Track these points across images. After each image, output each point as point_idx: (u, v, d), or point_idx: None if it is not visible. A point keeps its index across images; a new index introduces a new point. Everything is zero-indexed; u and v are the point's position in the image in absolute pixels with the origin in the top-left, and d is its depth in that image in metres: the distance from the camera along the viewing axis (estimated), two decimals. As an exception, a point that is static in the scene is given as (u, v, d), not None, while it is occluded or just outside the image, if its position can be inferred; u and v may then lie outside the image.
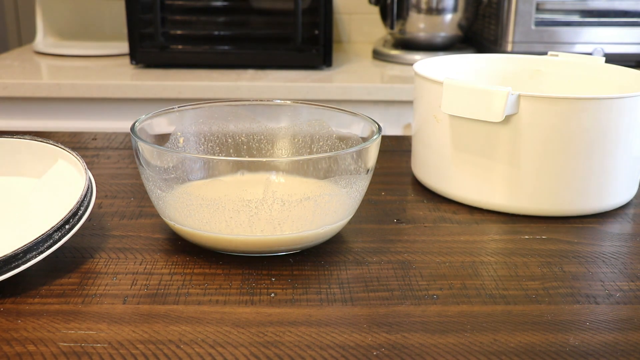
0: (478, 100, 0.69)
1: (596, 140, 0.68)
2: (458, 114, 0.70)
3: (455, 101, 0.71)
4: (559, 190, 0.70)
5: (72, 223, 0.56)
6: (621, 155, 0.70)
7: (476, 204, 0.73)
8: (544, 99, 0.67)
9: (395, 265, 0.60)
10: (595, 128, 0.68)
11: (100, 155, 0.87)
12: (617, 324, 0.51)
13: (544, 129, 0.68)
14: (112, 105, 1.54)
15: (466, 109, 0.70)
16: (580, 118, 0.67)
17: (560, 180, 0.69)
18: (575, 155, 0.68)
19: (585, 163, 0.69)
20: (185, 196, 0.60)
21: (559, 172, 0.69)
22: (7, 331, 0.49)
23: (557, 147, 0.68)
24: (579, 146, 0.68)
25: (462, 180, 0.73)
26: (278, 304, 0.53)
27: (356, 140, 0.69)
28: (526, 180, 0.70)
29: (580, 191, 0.70)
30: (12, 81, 1.52)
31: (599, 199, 0.71)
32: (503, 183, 0.71)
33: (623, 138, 0.69)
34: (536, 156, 0.69)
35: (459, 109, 0.70)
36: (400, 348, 0.47)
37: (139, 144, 0.60)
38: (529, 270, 0.59)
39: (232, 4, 1.65)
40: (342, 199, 0.61)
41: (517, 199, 0.71)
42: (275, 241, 0.59)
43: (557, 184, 0.69)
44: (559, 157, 0.68)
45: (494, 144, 0.70)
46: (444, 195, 0.76)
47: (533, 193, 0.70)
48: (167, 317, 0.51)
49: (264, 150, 0.74)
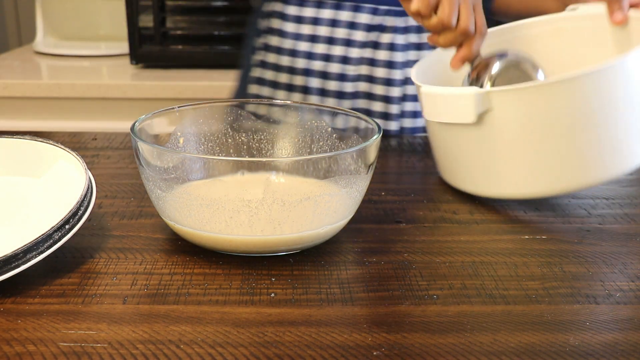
0: (450, 104, 0.71)
1: (573, 119, 0.68)
2: (436, 119, 0.74)
3: (432, 107, 0.74)
4: (548, 171, 0.70)
5: (72, 223, 0.56)
6: (599, 130, 0.69)
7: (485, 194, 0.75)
8: (512, 92, 0.68)
9: (395, 265, 0.60)
10: (568, 108, 0.68)
11: (100, 155, 0.87)
12: (617, 324, 0.51)
13: (520, 119, 0.69)
14: (112, 105, 1.54)
15: (442, 114, 0.73)
16: (551, 102, 0.68)
17: (547, 161, 0.70)
18: (557, 136, 0.69)
19: (567, 142, 0.69)
20: (185, 196, 0.60)
21: (544, 155, 0.70)
22: (7, 331, 0.49)
23: (538, 132, 0.69)
24: (559, 128, 0.68)
25: (466, 176, 0.75)
26: (278, 304, 0.53)
27: (356, 140, 0.69)
28: (514, 167, 0.71)
29: (567, 169, 0.70)
30: (12, 81, 1.52)
31: (587, 173, 0.70)
32: (495, 174, 0.72)
33: (598, 113, 0.68)
34: (520, 144, 0.70)
35: (436, 115, 0.73)
36: (400, 348, 0.47)
37: (139, 144, 0.60)
38: (529, 270, 0.59)
39: (232, 4, 1.65)
40: (342, 199, 0.61)
41: (512, 186, 0.72)
42: (275, 241, 0.59)
43: (544, 166, 0.70)
44: (542, 141, 0.69)
45: (479, 140, 0.72)
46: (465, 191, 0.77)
47: (527, 177, 0.71)
48: (167, 317, 0.51)
49: (264, 150, 0.74)
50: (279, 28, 1.03)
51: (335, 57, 1.00)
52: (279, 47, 1.03)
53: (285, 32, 1.02)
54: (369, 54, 1.00)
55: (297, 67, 1.02)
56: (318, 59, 1.00)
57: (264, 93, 1.05)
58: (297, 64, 1.02)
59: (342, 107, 0.76)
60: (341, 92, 1.01)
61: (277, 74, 1.04)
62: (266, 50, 1.04)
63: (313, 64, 1.01)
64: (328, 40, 1.00)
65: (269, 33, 1.04)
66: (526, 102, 0.68)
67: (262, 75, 1.05)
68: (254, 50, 1.06)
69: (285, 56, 1.02)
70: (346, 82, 1.00)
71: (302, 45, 1.01)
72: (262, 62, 1.05)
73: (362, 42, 1.00)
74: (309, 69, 1.01)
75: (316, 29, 1.01)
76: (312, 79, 1.01)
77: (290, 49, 1.02)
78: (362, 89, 1.01)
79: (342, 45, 1.00)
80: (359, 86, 1.01)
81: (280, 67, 1.03)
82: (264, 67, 1.05)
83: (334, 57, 1.00)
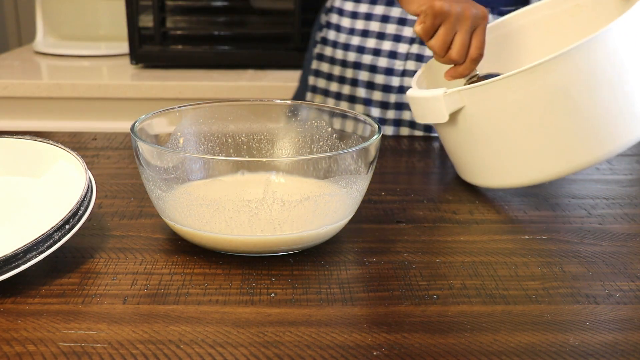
0: (425, 106, 0.75)
1: (541, 107, 0.69)
2: (420, 121, 0.77)
3: (415, 110, 0.78)
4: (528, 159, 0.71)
5: (72, 223, 0.56)
6: (571, 115, 0.69)
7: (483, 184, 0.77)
8: (479, 88, 0.71)
9: (395, 265, 0.60)
10: (533, 97, 0.69)
11: (100, 155, 0.87)
12: (617, 324, 0.51)
13: (491, 113, 0.71)
14: (112, 105, 1.54)
15: (421, 116, 0.77)
16: (517, 94, 0.69)
17: (525, 150, 0.71)
18: (528, 125, 0.70)
19: (539, 131, 0.70)
20: (185, 196, 0.60)
21: (521, 144, 0.71)
22: (7, 331, 0.49)
23: (510, 124, 0.71)
24: (528, 117, 0.70)
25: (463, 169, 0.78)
26: (278, 304, 0.53)
27: (356, 140, 0.69)
28: (497, 159, 0.73)
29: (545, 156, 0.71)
30: (12, 81, 1.52)
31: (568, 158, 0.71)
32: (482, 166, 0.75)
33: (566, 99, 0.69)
34: (497, 136, 0.72)
35: (419, 117, 0.77)
36: (400, 348, 0.47)
37: (139, 144, 0.60)
38: (529, 270, 0.59)
39: (232, 4, 1.65)
40: (342, 199, 0.61)
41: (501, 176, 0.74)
42: (275, 241, 0.59)
43: (524, 155, 0.71)
44: (517, 132, 0.71)
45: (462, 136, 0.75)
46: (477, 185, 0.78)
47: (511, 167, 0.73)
48: (167, 317, 0.51)
49: (264, 150, 0.74)
50: (336, 23, 1.08)
51: (384, 51, 1.04)
52: (335, 40, 1.08)
53: (341, 26, 1.08)
54: (416, 50, 1.03)
55: (349, 60, 1.06)
56: (368, 53, 1.05)
57: (319, 85, 1.10)
58: (348, 57, 1.06)
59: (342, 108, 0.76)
60: (388, 85, 1.04)
61: (331, 67, 1.09)
62: (324, 44, 1.10)
63: (363, 58, 1.05)
64: (378, 35, 1.04)
65: (328, 27, 1.09)
66: (494, 96, 0.70)
67: (319, 68, 1.11)
68: (315, 44, 1.12)
69: (340, 49, 1.07)
70: (393, 77, 1.03)
71: (354, 40, 1.06)
72: (319, 55, 1.10)
73: (410, 38, 1.03)
74: (359, 62, 1.05)
75: (368, 24, 1.05)
76: (361, 72, 1.06)
77: (344, 43, 1.07)
78: (407, 83, 1.04)
79: (391, 40, 1.04)
80: (405, 81, 1.04)
81: (334, 59, 1.08)
82: (321, 59, 1.10)
83: (382, 52, 1.04)
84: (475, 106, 0.72)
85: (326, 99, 1.09)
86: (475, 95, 0.72)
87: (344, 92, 1.07)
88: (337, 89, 1.08)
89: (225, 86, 1.52)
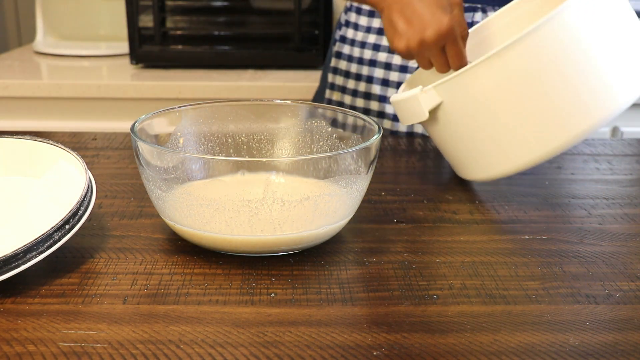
0: (405, 108, 0.76)
1: (516, 89, 0.69)
2: (405, 124, 0.78)
3: (398, 114, 0.78)
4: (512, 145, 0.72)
5: (72, 223, 0.56)
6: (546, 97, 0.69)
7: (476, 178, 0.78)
8: (452, 81, 0.72)
9: (395, 265, 0.60)
10: (509, 80, 0.69)
11: (100, 155, 0.87)
12: (617, 324, 0.51)
13: (468, 104, 0.72)
14: (112, 105, 1.54)
15: (404, 119, 0.78)
16: (490, 79, 0.70)
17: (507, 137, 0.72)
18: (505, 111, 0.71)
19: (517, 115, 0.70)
20: (185, 196, 0.60)
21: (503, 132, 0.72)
22: (7, 331, 0.49)
23: (489, 111, 0.71)
24: (503, 103, 0.70)
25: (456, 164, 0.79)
26: (278, 304, 0.53)
27: (356, 140, 0.69)
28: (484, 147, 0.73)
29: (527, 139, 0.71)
30: (12, 81, 1.52)
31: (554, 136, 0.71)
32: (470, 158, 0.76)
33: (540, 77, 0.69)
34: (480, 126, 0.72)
35: (404, 120, 0.78)
36: (400, 348, 0.47)
37: (139, 144, 0.60)
38: (529, 270, 0.59)
39: (232, 4, 1.65)
40: (342, 199, 0.61)
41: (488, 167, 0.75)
42: (275, 241, 0.59)
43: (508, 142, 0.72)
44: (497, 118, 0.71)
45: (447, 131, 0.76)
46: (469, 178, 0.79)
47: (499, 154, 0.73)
48: (167, 317, 0.51)
49: (264, 150, 0.74)
50: (354, 21, 1.09)
51: None
52: (353, 39, 1.09)
53: (358, 25, 1.09)
54: None
55: (365, 58, 1.07)
56: (383, 51, 1.06)
57: (337, 82, 1.12)
58: (364, 55, 1.07)
59: None
60: (403, 83, 1.03)
61: (349, 64, 1.10)
62: (342, 42, 1.11)
63: (378, 55, 1.06)
64: None
65: (347, 26, 1.11)
66: (466, 87, 0.71)
67: (337, 65, 1.12)
68: (334, 42, 1.13)
69: (357, 47, 1.08)
70: (407, 74, 1.04)
71: (370, 38, 1.07)
72: (338, 53, 1.12)
73: None
74: (375, 59, 1.06)
75: None
76: (377, 69, 1.06)
77: (361, 41, 1.08)
78: None
79: None
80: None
81: (352, 57, 1.09)
82: (339, 57, 1.12)
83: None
84: (453, 99, 0.73)
85: (343, 96, 1.10)
86: (450, 88, 0.73)
87: (360, 89, 1.08)
88: (353, 86, 1.09)
89: (225, 86, 1.52)
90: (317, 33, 1.63)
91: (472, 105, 0.72)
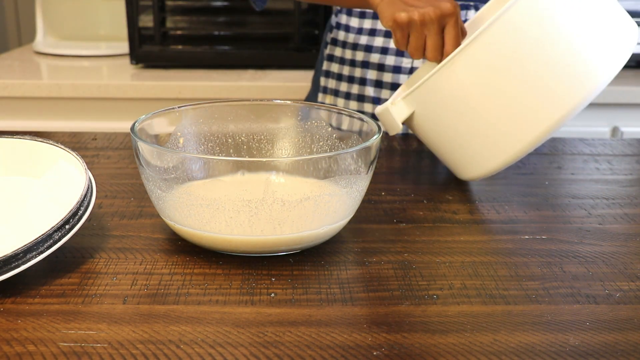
0: (382, 120, 0.77)
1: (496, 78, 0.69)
2: (391, 134, 0.78)
3: (384, 126, 0.78)
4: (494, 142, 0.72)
5: (72, 223, 0.56)
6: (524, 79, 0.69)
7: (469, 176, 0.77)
8: (420, 89, 0.72)
9: (395, 265, 0.60)
10: (486, 70, 0.69)
11: (100, 155, 0.87)
12: (617, 324, 0.51)
13: (439, 109, 0.73)
14: (112, 105, 1.54)
15: (388, 130, 0.78)
16: (466, 74, 0.70)
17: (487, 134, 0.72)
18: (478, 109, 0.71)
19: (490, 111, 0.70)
20: (185, 196, 0.60)
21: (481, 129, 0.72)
22: (7, 331, 0.49)
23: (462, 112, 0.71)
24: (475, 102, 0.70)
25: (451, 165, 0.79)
26: (278, 304, 0.53)
27: (356, 140, 0.69)
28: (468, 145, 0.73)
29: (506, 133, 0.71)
30: (12, 81, 1.52)
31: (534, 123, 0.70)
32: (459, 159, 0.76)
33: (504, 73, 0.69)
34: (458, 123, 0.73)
35: (389, 131, 0.78)
36: (400, 348, 0.47)
37: (139, 144, 0.60)
38: (529, 270, 0.59)
39: (232, 4, 1.65)
40: (342, 199, 0.61)
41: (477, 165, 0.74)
42: (275, 241, 0.59)
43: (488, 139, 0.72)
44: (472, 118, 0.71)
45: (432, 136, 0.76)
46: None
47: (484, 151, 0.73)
48: (167, 317, 0.51)
49: (264, 150, 0.74)
50: (345, 23, 1.09)
51: (392, 49, 1.04)
52: (344, 41, 1.09)
53: (350, 26, 1.08)
54: None
55: (357, 60, 1.07)
56: (376, 52, 1.05)
57: (330, 85, 1.11)
58: (357, 57, 1.07)
59: None
60: (396, 84, 1.05)
61: (341, 67, 1.10)
62: (334, 44, 1.11)
63: (371, 57, 1.06)
64: (386, 34, 1.05)
65: (337, 28, 1.10)
66: (437, 91, 0.72)
67: (329, 68, 1.12)
68: (325, 45, 1.13)
69: (348, 49, 1.08)
70: (401, 75, 1.04)
71: (362, 39, 1.06)
72: (329, 56, 1.12)
73: None
74: (367, 61, 1.06)
75: (376, 23, 1.06)
76: (369, 71, 1.06)
77: (353, 43, 1.08)
78: None
79: None
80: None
81: (344, 59, 1.09)
82: (331, 60, 1.11)
83: (390, 50, 1.04)
84: (424, 107, 0.73)
85: (336, 99, 1.10)
86: (418, 97, 0.73)
87: (352, 91, 1.08)
88: (346, 89, 1.09)
89: (225, 86, 1.52)
90: (317, 33, 1.63)
91: (448, 107, 0.72)
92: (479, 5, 1.00)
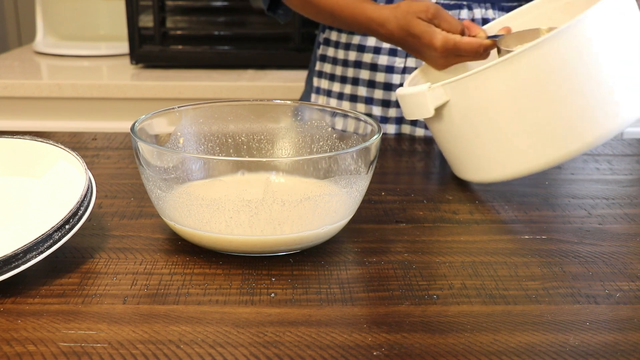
0: (411, 102, 0.77)
1: (525, 96, 0.70)
2: (409, 118, 0.79)
3: (403, 107, 0.79)
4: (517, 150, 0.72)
5: (72, 223, 0.56)
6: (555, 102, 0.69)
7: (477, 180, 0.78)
8: (461, 81, 0.72)
9: (395, 265, 0.60)
10: (518, 85, 0.69)
11: (100, 155, 0.87)
12: (617, 324, 0.51)
13: (474, 106, 0.72)
14: (112, 105, 1.54)
15: (409, 113, 0.78)
16: (500, 84, 0.70)
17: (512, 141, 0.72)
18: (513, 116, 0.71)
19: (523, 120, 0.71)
20: (185, 196, 0.60)
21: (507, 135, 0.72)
22: (7, 331, 0.49)
23: (496, 114, 0.71)
24: (512, 108, 0.71)
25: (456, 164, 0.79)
26: (278, 304, 0.53)
27: (356, 140, 0.69)
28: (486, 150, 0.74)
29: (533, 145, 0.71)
30: (12, 81, 1.52)
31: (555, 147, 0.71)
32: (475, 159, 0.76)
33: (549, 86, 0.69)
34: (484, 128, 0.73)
35: (408, 114, 0.78)
36: (400, 348, 0.47)
37: (139, 144, 0.60)
38: (529, 270, 0.59)
39: (232, 4, 1.65)
40: (342, 199, 0.61)
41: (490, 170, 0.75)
42: (275, 241, 0.59)
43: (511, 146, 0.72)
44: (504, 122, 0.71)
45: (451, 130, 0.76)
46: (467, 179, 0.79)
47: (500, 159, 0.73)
48: (167, 317, 0.51)
49: (264, 150, 0.74)
50: None
51: (384, 49, 1.04)
52: (337, 41, 1.08)
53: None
54: None
55: (350, 60, 1.07)
56: (368, 52, 1.05)
57: (322, 86, 1.11)
58: (349, 57, 1.07)
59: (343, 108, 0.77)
60: (389, 83, 1.04)
61: (333, 67, 1.09)
62: (326, 45, 1.10)
63: (364, 56, 1.05)
64: None
65: (330, 28, 1.10)
66: (475, 89, 0.71)
67: (322, 69, 1.11)
68: (318, 45, 1.12)
69: (341, 49, 1.08)
70: (394, 74, 1.04)
71: (355, 39, 1.06)
72: (322, 56, 1.11)
73: None
74: (360, 61, 1.06)
75: None
76: (362, 71, 1.06)
77: (345, 42, 1.07)
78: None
79: None
80: (406, 78, 1.04)
81: (336, 60, 1.09)
82: (324, 60, 1.11)
83: (383, 50, 1.04)
84: (459, 99, 0.73)
85: (329, 100, 1.09)
86: (457, 88, 0.73)
87: (345, 91, 1.07)
88: (339, 89, 1.08)
89: (225, 86, 1.52)
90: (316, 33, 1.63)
91: (478, 107, 0.72)
92: (472, 4, 0.99)
